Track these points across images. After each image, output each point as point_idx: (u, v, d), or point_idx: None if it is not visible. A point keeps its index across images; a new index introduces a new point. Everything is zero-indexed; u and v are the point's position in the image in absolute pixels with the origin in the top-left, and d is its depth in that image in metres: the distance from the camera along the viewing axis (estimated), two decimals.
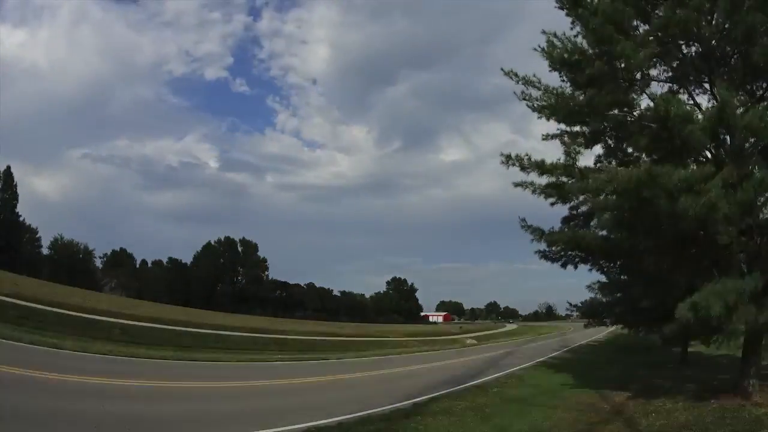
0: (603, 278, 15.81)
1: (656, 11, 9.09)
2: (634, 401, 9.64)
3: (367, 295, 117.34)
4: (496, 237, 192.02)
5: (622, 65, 8.59)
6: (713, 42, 8.60)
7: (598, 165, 11.10)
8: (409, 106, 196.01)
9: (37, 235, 67.93)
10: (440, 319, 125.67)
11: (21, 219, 62.57)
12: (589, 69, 8.54)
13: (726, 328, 7.87)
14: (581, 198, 10.74)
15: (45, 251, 70.71)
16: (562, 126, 10.54)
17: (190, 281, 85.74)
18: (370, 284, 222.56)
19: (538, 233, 11.22)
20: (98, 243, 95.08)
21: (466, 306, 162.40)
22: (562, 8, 9.60)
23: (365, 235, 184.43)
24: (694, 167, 7.68)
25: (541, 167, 9.86)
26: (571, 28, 9.46)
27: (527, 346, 33.76)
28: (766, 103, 7.44)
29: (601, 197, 8.87)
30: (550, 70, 9.48)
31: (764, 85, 9.07)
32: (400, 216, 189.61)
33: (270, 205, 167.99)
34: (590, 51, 8.70)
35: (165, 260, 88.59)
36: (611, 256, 12.27)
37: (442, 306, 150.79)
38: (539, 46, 9.27)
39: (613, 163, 10.71)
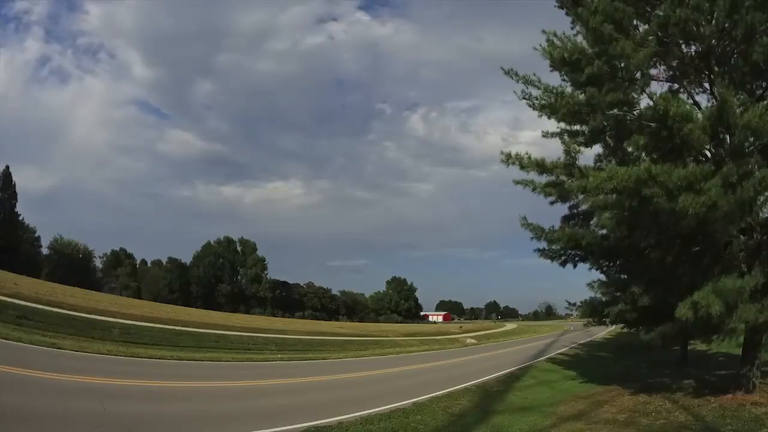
0: (602, 277, 15.83)
1: (656, 10, 9.09)
2: (635, 398, 9.66)
3: (367, 295, 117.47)
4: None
5: (622, 64, 8.58)
6: (713, 41, 8.59)
7: (598, 164, 11.11)
8: None
9: (37, 235, 68.01)
10: (440, 319, 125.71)
11: (21, 219, 62.61)
12: (589, 68, 8.53)
13: (726, 327, 7.88)
14: (581, 197, 10.75)
15: (45, 251, 70.83)
16: (563, 125, 10.55)
17: (190, 281, 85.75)
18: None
19: (538, 232, 11.22)
20: None
21: (466, 305, 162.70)
22: (562, 7, 9.60)
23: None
24: (694, 166, 7.67)
25: (540, 166, 9.85)
26: (571, 28, 9.47)
27: (528, 345, 33.77)
28: (765, 102, 7.41)
29: (601, 196, 8.88)
30: (551, 70, 9.47)
31: (764, 84, 9.07)
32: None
33: None
34: (590, 50, 8.69)
35: (165, 260, 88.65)
36: (611, 255, 12.29)
37: (442, 305, 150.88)
38: (539, 45, 9.27)
39: (613, 162, 10.71)
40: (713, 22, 8.32)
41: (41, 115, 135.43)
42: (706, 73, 9.15)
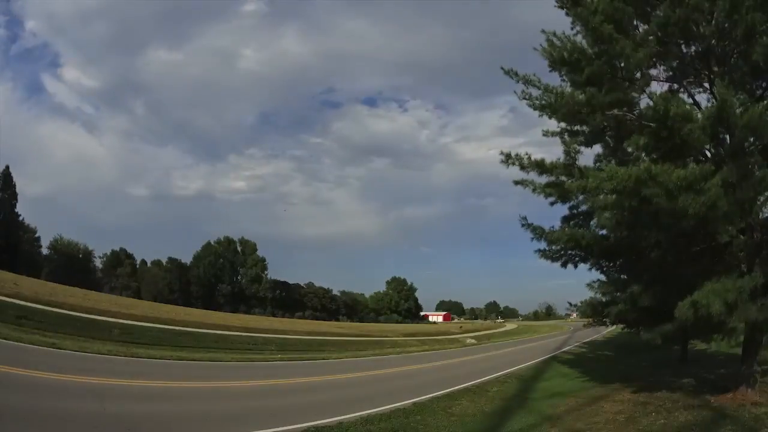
0: (602, 277, 15.82)
1: (656, 11, 9.08)
2: (635, 398, 9.67)
3: (367, 295, 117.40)
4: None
5: (622, 64, 8.58)
6: (713, 41, 8.59)
7: (598, 164, 11.11)
8: None
9: (37, 235, 67.98)
10: (440, 319, 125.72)
11: (21, 219, 62.60)
12: (589, 68, 8.53)
13: (726, 326, 7.88)
14: (581, 197, 10.74)
15: (45, 251, 70.79)
16: (563, 125, 10.54)
17: (190, 281, 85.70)
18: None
19: (538, 232, 11.22)
20: None
21: (466, 305, 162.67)
22: (562, 7, 9.59)
23: None
24: (694, 166, 7.67)
25: (540, 166, 9.85)
26: (571, 28, 9.45)
27: (529, 345, 33.80)
28: (765, 102, 7.40)
29: (601, 196, 8.87)
30: (550, 70, 9.47)
31: (764, 84, 9.06)
32: None
33: None
34: (590, 50, 8.69)
35: (164, 260, 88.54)
36: (611, 255, 12.28)
37: (442, 305, 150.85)
38: (540, 45, 9.26)
39: (613, 162, 10.71)
40: (713, 22, 8.31)
41: None
42: (706, 73, 9.14)
